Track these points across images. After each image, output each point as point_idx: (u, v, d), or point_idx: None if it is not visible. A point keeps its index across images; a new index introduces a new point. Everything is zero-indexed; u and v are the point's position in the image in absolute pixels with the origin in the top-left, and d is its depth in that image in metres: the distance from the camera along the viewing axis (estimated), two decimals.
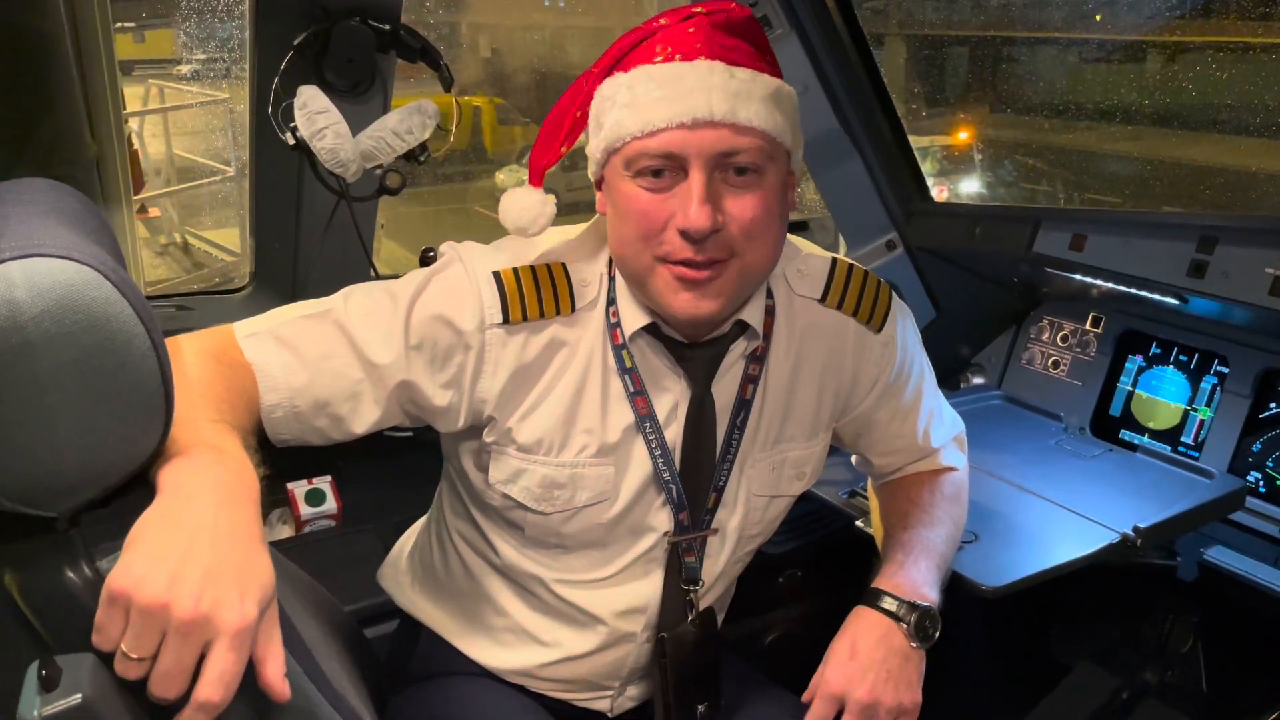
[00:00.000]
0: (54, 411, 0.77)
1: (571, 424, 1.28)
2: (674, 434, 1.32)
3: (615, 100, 1.17)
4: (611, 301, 1.28)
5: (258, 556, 0.86)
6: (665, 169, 1.15)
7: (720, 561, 1.42)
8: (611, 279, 1.29)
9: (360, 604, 1.83)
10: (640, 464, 1.31)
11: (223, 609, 0.80)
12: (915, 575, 1.32)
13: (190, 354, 1.13)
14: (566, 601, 1.39)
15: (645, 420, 1.29)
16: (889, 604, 1.29)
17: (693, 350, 1.29)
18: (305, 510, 2.18)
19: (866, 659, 1.25)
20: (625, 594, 1.39)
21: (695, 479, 1.34)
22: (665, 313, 1.23)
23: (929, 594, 1.30)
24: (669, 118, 1.12)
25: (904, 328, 1.43)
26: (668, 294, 1.18)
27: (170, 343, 1.10)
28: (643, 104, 1.14)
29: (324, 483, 2.22)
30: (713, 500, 1.36)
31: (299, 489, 2.19)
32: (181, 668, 0.79)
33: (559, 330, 1.27)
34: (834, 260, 1.38)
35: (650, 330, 1.27)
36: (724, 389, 1.32)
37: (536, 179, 1.25)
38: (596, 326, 1.28)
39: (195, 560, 0.81)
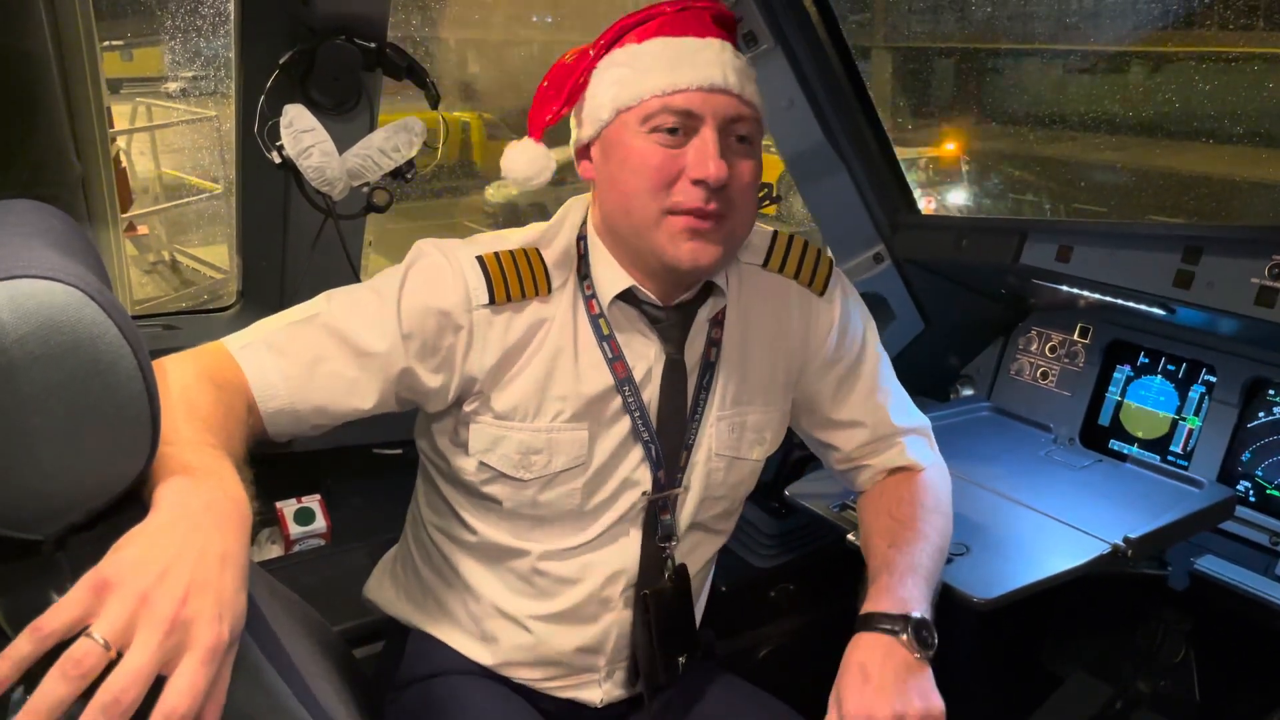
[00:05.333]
0: (39, 434, 0.76)
1: (545, 391, 1.35)
2: (650, 395, 1.40)
3: (635, 64, 1.27)
4: (584, 276, 1.37)
5: (241, 590, 0.86)
6: (680, 128, 1.25)
7: (685, 523, 1.47)
8: (581, 257, 1.38)
9: (349, 624, 1.82)
10: (617, 426, 1.38)
11: (202, 622, 0.80)
12: (903, 594, 1.32)
13: (183, 374, 1.14)
14: (546, 574, 1.42)
15: (624, 384, 1.37)
16: (883, 624, 1.28)
17: (665, 313, 1.38)
18: (294, 529, 2.17)
19: (879, 679, 1.24)
20: (605, 558, 1.43)
21: (670, 437, 1.42)
22: (666, 262, 1.29)
23: (918, 610, 1.30)
24: (691, 80, 1.24)
25: (847, 295, 1.52)
26: (673, 244, 1.27)
27: (161, 363, 1.11)
28: (667, 66, 1.25)
29: (313, 501, 2.21)
30: (684, 458, 1.43)
31: (288, 508, 2.18)
32: (147, 669, 0.76)
33: (539, 308, 1.35)
34: (775, 231, 1.49)
35: (624, 298, 1.35)
36: (692, 352, 1.41)
37: (536, 132, 1.35)
38: (568, 301, 1.36)
39: (183, 568, 0.82)
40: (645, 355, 1.39)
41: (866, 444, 1.55)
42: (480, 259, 1.32)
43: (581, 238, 1.39)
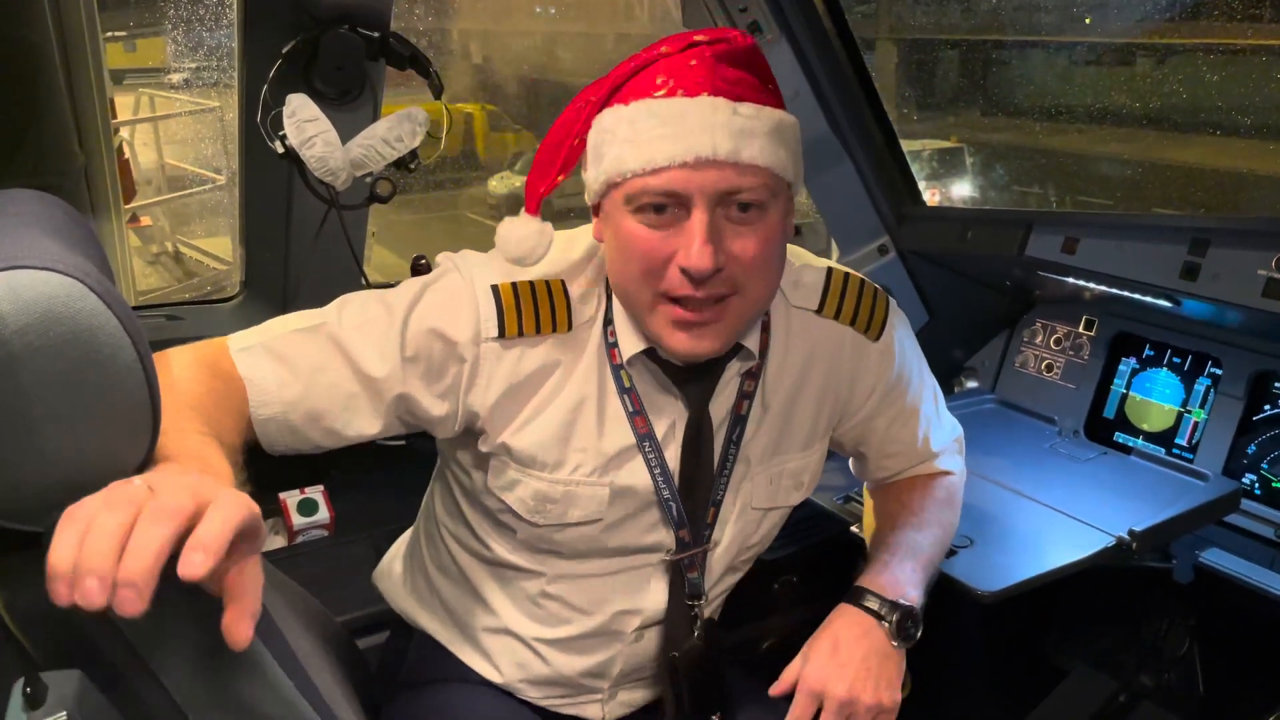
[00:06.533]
0: (38, 425, 0.76)
1: (567, 442, 1.28)
2: (673, 453, 1.32)
3: (616, 134, 1.15)
4: (609, 321, 1.28)
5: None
6: (667, 205, 1.13)
7: (718, 574, 1.42)
8: (609, 298, 1.29)
9: (353, 614, 1.82)
10: (638, 484, 1.31)
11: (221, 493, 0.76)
12: (899, 575, 1.32)
13: (183, 366, 1.13)
14: (557, 599, 1.39)
15: (645, 440, 1.29)
16: (871, 602, 1.28)
17: (688, 373, 1.29)
18: (297, 520, 2.17)
19: (847, 656, 1.24)
20: (617, 594, 1.39)
21: (694, 497, 1.34)
22: (665, 350, 1.23)
23: (912, 594, 1.30)
24: (671, 156, 1.11)
25: (902, 335, 1.44)
26: (667, 333, 1.19)
27: (163, 355, 1.10)
28: (644, 140, 1.12)
29: (316, 493, 2.21)
30: (711, 515, 1.36)
31: (291, 499, 2.18)
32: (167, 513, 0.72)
33: (555, 347, 1.26)
34: (829, 270, 1.38)
35: (646, 353, 1.27)
36: (719, 406, 1.32)
37: (534, 207, 1.23)
38: (594, 345, 1.28)
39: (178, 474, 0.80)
40: (668, 411, 1.31)
41: (904, 469, 1.54)
42: (495, 288, 1.23)
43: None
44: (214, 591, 0.80)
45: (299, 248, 2.08)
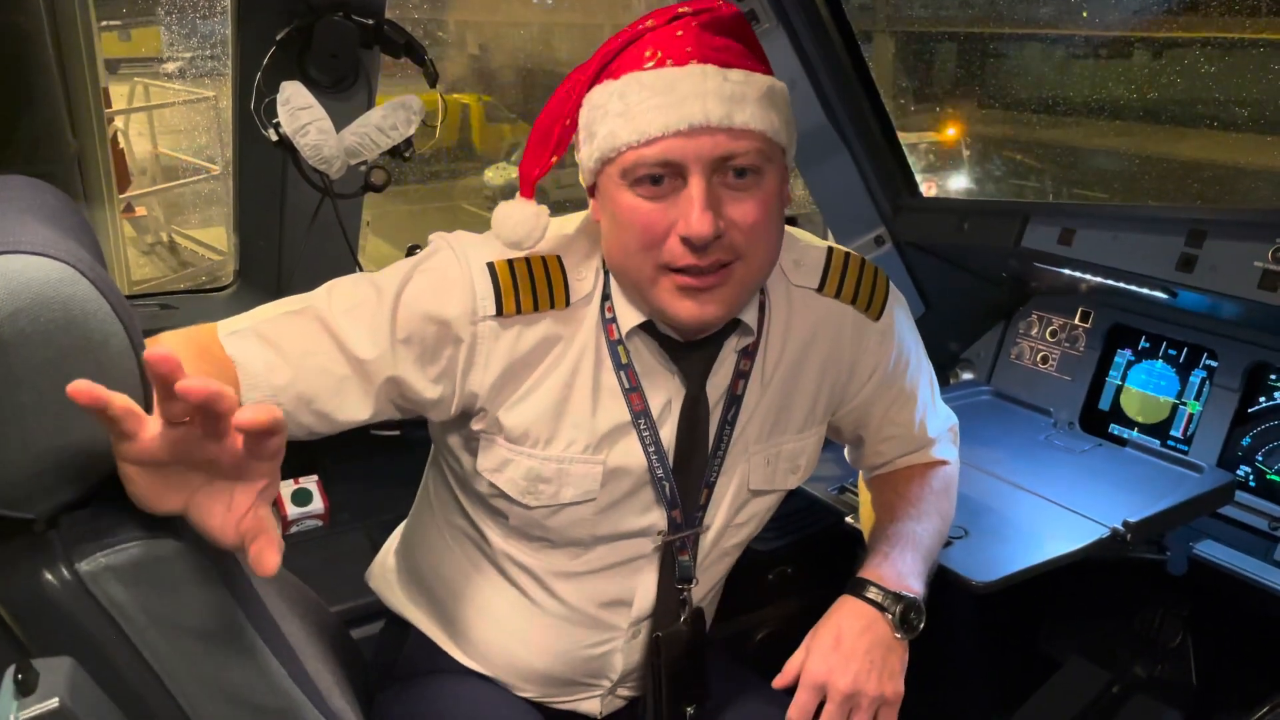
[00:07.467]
0: (29, 411, 0.75)
1: (560, 418, 1.27)
2: (668, 431, 1.31)
3: (607, 109, 1.15)
4: (606, 297, 1.27)
5: None
6: (664, 176, 1.13)
7: (709, 558, 1.42)
8: (606, 273, 1.28)
9: (347, 604, 1.82)
10: (631, 462, 1.30)
11: None
12: (900, 567, 1.32)
13: (175, 349, 1.11)
14: (552, 593, 1.38)
15: (640, 417, 1.29)
16: (873, 594, 1.28)
17: (687, 348, 1.29)
18: (291, 510, 2.16)
19: (850, 648, 1.24)
20: (611, 587, 1.38)
21: (688, 476, 1.33)
22: (669, 320, 1.22)
23: (913, 585, 1.30)
24: (665, 126, 1.11)
25: (901, 316, 1.44)
26: (672, 303, 1.18)
27: (154, 339, 1.09)
28: (636, 113, 1.12)
29: (310, 482, 2.21)
30: (704, 497, 1.36)
31: (285, 488, 2.18)
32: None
33: (553, 324, 1.25)
34: (830, 249, 1.39)
35: (645, 328, 1.27)
36: (716, 385, 1.32)
37: (528, 190, 1.23)
38: (591, 321, 1.27)
39: None
40: (664, 389, 1.30)
41: (901, 454, 1.54)
42: (491, 266, 1.22)
43: None
44: (230, 544, 0.82)
45: (293, 237, 2.08)
